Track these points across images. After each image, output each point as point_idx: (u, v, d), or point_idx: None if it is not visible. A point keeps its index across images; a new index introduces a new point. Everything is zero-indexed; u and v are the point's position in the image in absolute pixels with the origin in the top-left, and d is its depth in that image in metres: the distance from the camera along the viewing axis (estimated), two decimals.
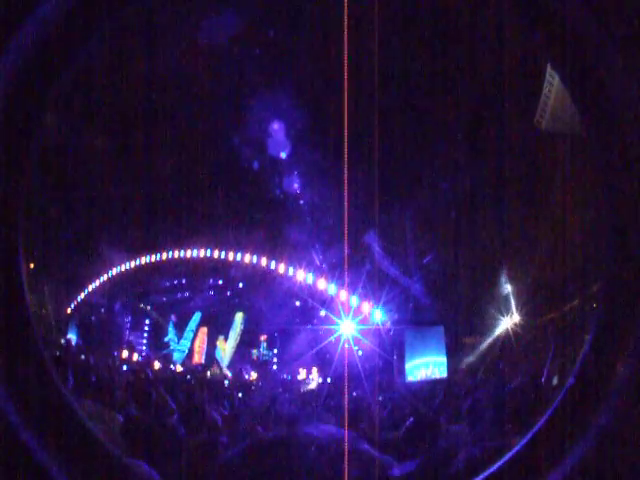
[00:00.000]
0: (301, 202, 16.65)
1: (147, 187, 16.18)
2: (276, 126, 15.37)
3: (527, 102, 13.78)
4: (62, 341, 16.98)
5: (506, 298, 14.62)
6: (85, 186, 14.70)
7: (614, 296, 1.36)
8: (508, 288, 14.55)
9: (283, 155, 15.89)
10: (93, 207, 15.46)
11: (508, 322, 14.71)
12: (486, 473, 1.42)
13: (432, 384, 13.89)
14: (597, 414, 1.30)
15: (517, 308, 14.75)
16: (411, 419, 4.79)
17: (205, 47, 13.58)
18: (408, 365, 17.10)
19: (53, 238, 12.78)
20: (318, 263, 17.31)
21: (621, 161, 1.29)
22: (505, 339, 14.26)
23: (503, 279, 14.45)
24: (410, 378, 16.88)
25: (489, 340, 14.55)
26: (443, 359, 16.94)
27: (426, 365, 17.06)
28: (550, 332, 13.25)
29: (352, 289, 16.79)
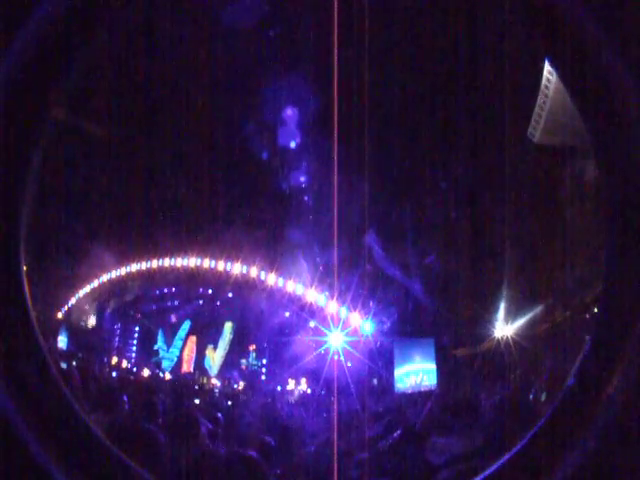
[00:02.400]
0: (305, 198, 16.57)
1: (140, 195, 16.12)
2: (288, 112, 15.38)
3: (524, 107, 13.86)
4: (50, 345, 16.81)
5: (500, 310, 14.64)
6: (79, 191, 14.63)
7: (614, 297, 1.38)
8: (503, 300, 14.58)
9: (292, 144, 15.85)
10: (86, 212, 15.39)
11: (500, 334, 14.72)
12: (486, 473, 1.43)
13: (422, 395, 13.87)
14: (597, 414, 1.32)
15: (511, 321, 14.78)
16: (399, 431, 4.75)
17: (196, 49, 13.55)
18: (398, 372, 17.06)
19: (45, 243, 12.70)
20: (308, 273, 17.24)
21: (622, 161, 1.30)
22: (495, 352, 14.26)
23: (499, 291, 14.47)
24: (399, 385, 16.85)
25: (479, 353, 14.54)
26: (432, 367, 16.94)
27: (416, 372, 17.03)
28: (540, 346, 13.27)
29: (342, 300, 16.73)
